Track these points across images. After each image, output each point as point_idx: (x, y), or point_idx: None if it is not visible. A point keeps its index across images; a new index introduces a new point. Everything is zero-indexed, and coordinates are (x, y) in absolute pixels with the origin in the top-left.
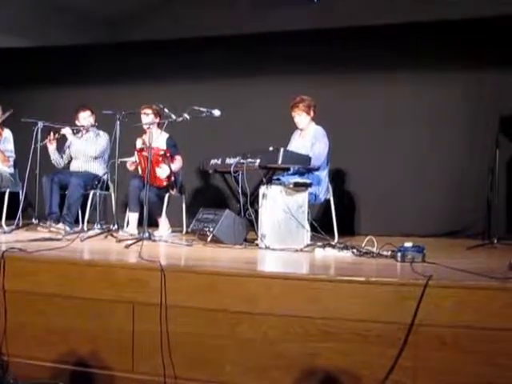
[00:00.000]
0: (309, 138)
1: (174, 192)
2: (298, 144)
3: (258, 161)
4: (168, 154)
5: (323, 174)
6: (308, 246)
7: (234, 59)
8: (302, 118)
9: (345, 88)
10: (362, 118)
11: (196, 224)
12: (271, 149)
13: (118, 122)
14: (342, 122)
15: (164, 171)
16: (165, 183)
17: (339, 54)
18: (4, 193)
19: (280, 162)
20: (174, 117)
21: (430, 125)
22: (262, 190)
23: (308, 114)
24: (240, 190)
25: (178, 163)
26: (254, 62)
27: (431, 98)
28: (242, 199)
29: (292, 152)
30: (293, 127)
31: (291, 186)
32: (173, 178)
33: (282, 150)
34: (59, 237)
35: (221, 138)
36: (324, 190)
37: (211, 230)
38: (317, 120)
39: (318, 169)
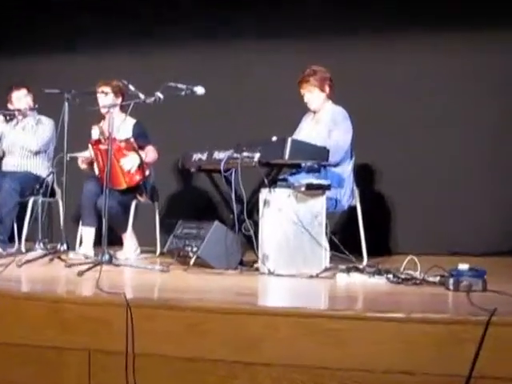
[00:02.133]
0: (325, 122)
1: (143, 198)
2: (311, 131)
3: (258, 155)
4: (135, 145)
5: (346, 172)
6: (327, 270)
7: (223, 19)
8: (313, 96)
9: (372, 56)
10: (398, 97)
11: (174, 242)
12: (275, 139)
13: (66, 104)
14: (368, 102)
15: (131, 159)
16: (137, 178)
17: (363, 10)
18: None
19: (287, 156)
20: (142, 96)
21: (493, 118)
22: (264, 194)
23: (322, 90)
24: (233, 196)
25: (151, 154)
26: (251, 23)
27: (495, 78)
28: (235, 207)
29: (303, 142)
30: (303, 109)
31: (303, 188)
32: (147, 172)
33: (289, 140)
34: None
35: (206, 125)
36: (348, 194)
37: (194, 249)
38: (335, 98)
39: (338, 164)
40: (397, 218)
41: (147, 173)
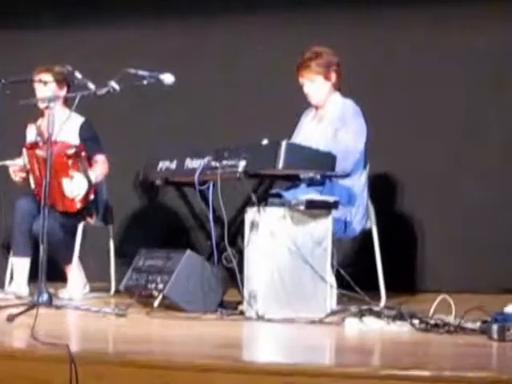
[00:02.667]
0: (330, 120)
1: (93, 220)
2: (313, 132)
3: (243, 164)
4: (83, 153)
5: (358, 186)
6: (333, 314)
7: None
8: (316, 85)
9: (393, 36)
10: (423, 89)
11: (134, 277)
12: (265, 142)
13: None
14: (385, 96)
15: (77, 185)
16: (78, 206)
17: None
18: None
19: (281, 164)
20: (92, 87)
21: None
22: (251, 214)
23: (327, 78)
24: (211, 216)
25: (100, 169)
26: None
27: None
28: (214, 232)
29: (302, 147)
30: (303, 103)
31: (302, 207)
32: (92, 197)
33: (283, 143)
34: None
35: (176, 124)
36: (360, 214)
37: (160, 287)
38: (344, 90)
39: (348, 175)
40: (424, 245)
41: (92, 197)
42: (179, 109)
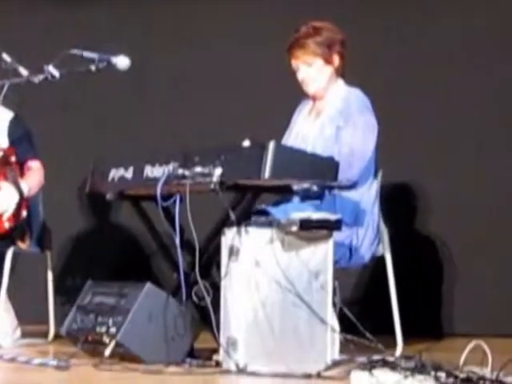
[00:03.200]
0: (332, 115)
1: (25, 245)
2: (309, 130)
3: (219, 171)
4: (13, 158)
5: (367, 200)
6: (335, 365)
7: None
8: (313, 71)
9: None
10: (448, 81)
11: (78, 318)
12: (247, 143)
13: None
14: (400, 89)
15: (5, 198)
16: (7, 226)
17: None
18: None
19: (268, 173)
20: (24, 73)
21: None
22: (229, 237)
23: (328, 61)
24: (178, 240)
25: (34, 178)
26: None
27: None
28: (182, 260)
29: (294, 150)
30: (296, 94)
31: (294, 227)
32: (24, 214)
33: (271, 145)
34: None
35: (133, 121)
36: (370, 237)
37: (112, 331)
38: (349, 77)
39: (354, 186)
40: (452, 278)
41: (24, 214)
42: (137, 100)
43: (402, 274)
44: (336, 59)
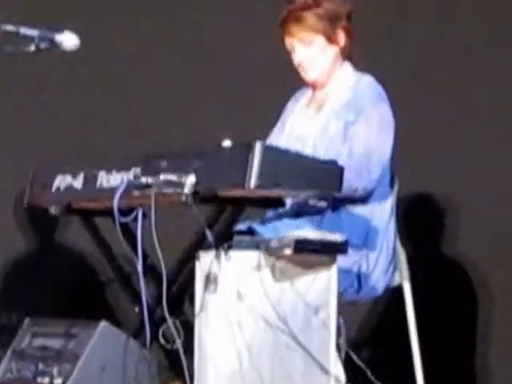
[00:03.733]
0: (336, 108)
1: None
2: (307, 127)
3: (191, 180)
4: None
5: (381, 216)
6: None
7: None
8: (314, 51)
9: None
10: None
11: (14, 366)
12: (228, 144)
13: None
14: (422, 80)
15: None
16: None
17: None
18: None
19: (254, 181)
20: None
21: None
22: (205, 263)
23: (331, 39)
24: (140, 266)
25: None
26: None
27: None
28: (145, 291)
29: (287, 152)
30: (290, 81)
31: (288, 251)
32: None
33: (257, 146)
34: None
35: (83, 116)
36: (384, 262)
37: (58, 382)
38: (360, 61)
39: (365, 200)
40: (488, 315)
41: None
42: (87, 90)
43: (425, 309)
44: (341, 37)
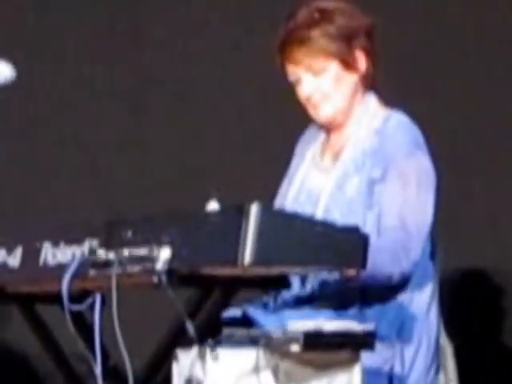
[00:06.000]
0: (357, 158)
1: None
2: (319, 182)
3: (166, 254)
4: None
5: (420, 302)
6: None
7: None
8: (325, 82)
9: None
10: None
11: None
12: (214, 207)
13: None
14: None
15: None
16: None
17: None
18: None
19: (249, 256)
20: None
21: None
22: (185, 364)
23: (348, 65)
24: (99, 368)
25: None
26: None
27: None
28: None
29: (293, 217)
30: (296, 121)
31: (295, 347)
32: None
33: (253, 208)
34: None
35: (23, 164)
36: (424, 361)
37: None
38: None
39: (402, 287)
40: None
41: None
42: (27, 129)
43: None
44: (361, 60)
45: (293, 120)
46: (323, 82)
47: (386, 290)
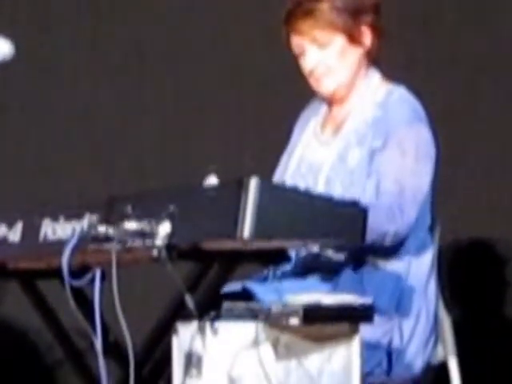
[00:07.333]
0: (360, 130)
1: None
2: (321, 155)
3: (166, 229)
4: None
5: (418, 273)
6: None
7: None
8: (330, 55)
9: None
10: None
11: None
12: (212, 182)
13: None
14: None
15: None
16: None
17: None
18: None
19: (248, 230)
20: None
21: None
22: (185, 338)
23: (354, 39)
24: (99, 342)
25: None
26: None
27: None
28: (105, 375)
29: (292, 190)
30: (298, 94)
31: (295, 319)
32: None
33: (252, 182)
34: None
35: (20, 142)
36: (422, 334)
37: None
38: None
39: (397, 248)
40: None
41: None
42: (27, 109)
43: None
44: (367, 36)
45: (292, 99)
46: (328, 54)
47: (381, 254)
